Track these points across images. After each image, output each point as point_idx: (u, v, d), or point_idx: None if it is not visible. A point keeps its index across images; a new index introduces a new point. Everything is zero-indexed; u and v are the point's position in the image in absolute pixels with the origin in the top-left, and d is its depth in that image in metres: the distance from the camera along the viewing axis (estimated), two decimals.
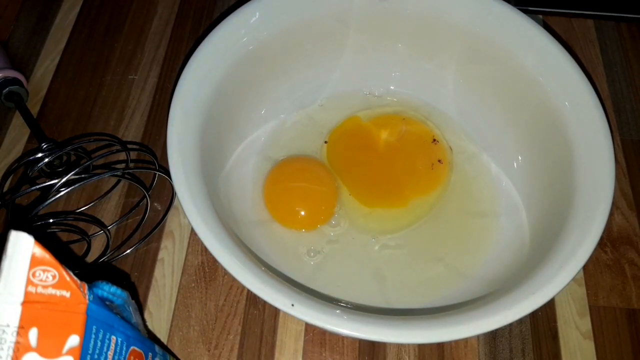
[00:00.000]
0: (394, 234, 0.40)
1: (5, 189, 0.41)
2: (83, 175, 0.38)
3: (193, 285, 0.39)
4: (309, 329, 0.37)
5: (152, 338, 0.37)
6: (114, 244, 0.40)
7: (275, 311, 0.38)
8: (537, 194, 0.39)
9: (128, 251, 0.40)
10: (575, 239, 0.32)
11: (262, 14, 0.40)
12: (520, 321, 0.37)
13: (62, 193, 0.37)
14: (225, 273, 0.38)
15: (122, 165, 0.43)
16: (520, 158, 0.41)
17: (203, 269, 0.39)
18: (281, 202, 0.41)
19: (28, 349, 0.23)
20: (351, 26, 0.43)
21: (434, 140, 0.43)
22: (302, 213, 0.40)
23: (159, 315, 0.38)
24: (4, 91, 0.43)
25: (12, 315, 0.23)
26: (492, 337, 0.37)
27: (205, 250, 0.40)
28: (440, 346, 0.37)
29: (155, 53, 0.49)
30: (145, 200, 0.41)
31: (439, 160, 0.42)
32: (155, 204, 0.42)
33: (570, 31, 0.50)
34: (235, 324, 0.37)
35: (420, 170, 0.42)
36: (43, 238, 0.40)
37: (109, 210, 0.42)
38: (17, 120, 0.45)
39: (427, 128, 0.43)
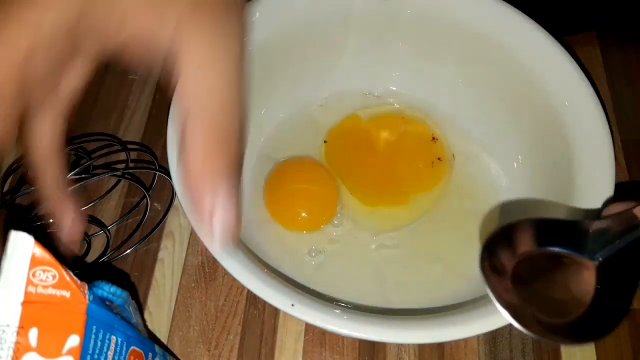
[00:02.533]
0: (396, 232, 0.40)
1: (5, 189, 0.41)
2: (83, 175, 0.38)
3: (193, 285, 0.39)
4: (309, 329, 0.37)
5: (152, 338, 0.37)
6: (114, 244, 0.40)
7: (275, 311, 0.38)
8: (537, 194, 0.39)
9: (128, 251, 0.40)
10: None
11: (262, 14, 0.40)
12: None
13: None
14: (225, 273, 0.38)
15: (122, 165, 0.43)
16: (520, 158, 0.41)
17: (203, 269, 0.39)
18: (283, 206, 0.41)
19: (28, 348, 0.23)
20: (351, 26, 0.43)
21: (434, 138, 0.43)
22: (304, 215, 0.40)
23: (159, 315, 0.38)
24: None
25: (12, 315, 0.23)
26: (492, 337, 0.37)
27: (205, 250, 0.40)
28: (440, 346, 0.37)
29: None
30: (145, 200, 0.41)
31: (439, 158, 0.42)
32: (155, 204, 0.42)
33: (571, 34, 0.50)
34: (235, 324, 0.37)
35: (421, 168, 0.42)
36: (43, 238, 0.40)
37: (109, 210, 0.42)
38: None
39: (426, 126, 0.43)
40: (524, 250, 0.27)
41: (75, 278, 0.25)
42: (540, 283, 0.27)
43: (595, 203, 0.33)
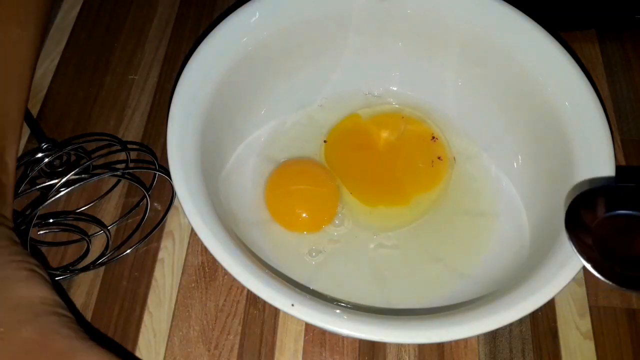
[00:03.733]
0: (396, 232, 0.40)
1: None
2: (83, 175, 0.38)
3: (193, 285, 0.39)
4: (309, 329, 0.37)
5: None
6: (114, 244, 0.40)
7: (275, 311, 0.38)
8: (537, 194, 0.39)
9: (128, 251, 0.40)
10: None
11: (262, 14, 0.40)
12: (520, 321, 0.37)
13: (62, 193, 0.37)
14: (225, 273, 0.38)
15: (122, 165, 0.43)
16: (520, 158, 0.41)
17: (203, 269, 0.39)
18: (284, 207, 0.41)
19: None
20: (351, 26, 0.43)
21: (433, 137, 0.43)
22: (305, 216, 0.40)
23: (159, 315, 0.38)
24: None
25: None
26: (492, 337, 0.37)
27: (205, 250, 0.40)
28: (440, 346, 0.37)
29: (155, 53, 0.49)
30: (145, 200, 0.41)
31: (439, 157, 0.42)
32: (155, 204, 0.42)
33: (570, 32, 0.50)
34: (235, 324, 0.37)
35: (421, 168, 0.42)
36: (43, 238, 0.40)
37: (109, 210, 0.42)
38: None
39: (426, 126, 0.43)
40: (603, 213, 0.30)
41: None
42: (619, 242, 0.30)
43: None
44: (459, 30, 0.41)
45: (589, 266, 0.29)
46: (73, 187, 0.37)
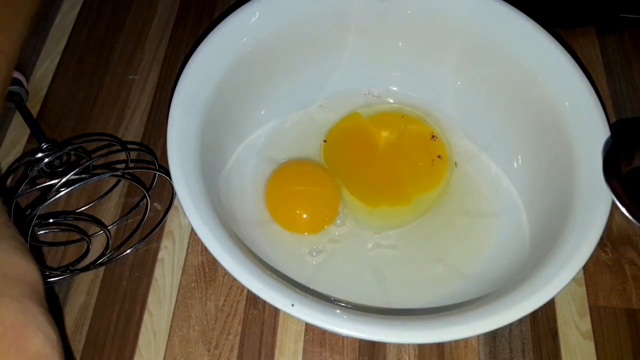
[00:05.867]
0: (397, 231, 0.40)
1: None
2: (83, 175, 0.38)
3: (193, 285, 0.39)
4: (309, 329, 0.37)
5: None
6: (114, 243, 0.40)
7: (275, 311, 0.38)
8: (537, 194, 0.39)
9: (128, 251, 0.40)
10: (575, 239, 0.32)
11: (262, 14, 0.40)
12: (520, 321, 0.37)
13: (62, 193, 0.37)
14: (225, 273, 0.38)
15: (122, 165, 0.43)
16: (520, 158, 0.41)
17: (203, 269, 0.39)
18: (285, 210, 0.41)
19: None
20: (351, 26, 0.43)
21: (433, 136, 0.43)
22: (306, 217, 0.40)
23: (159, 316, 0.38)
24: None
25: None
26: (492, 337, 0.37)
27: (205, 250, 0.40)
28: (440, 346, 0.37)
29: (155, 53, 0.49)
30: (145, 200, 0.41)
31: (439, 156, 0.42)
32: (155, 204, 0.42)
33: (570, 31, 0.50)
34: (235, 324, 0.37)
35: (421, 167, 0.42)
36: (43, 238, 0.40)
37: (109, 210, 0.42)
38: (17, 120, 0.45)
39: (425, 125, 0.44)
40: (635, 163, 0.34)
41: None
42: None
43: (595, 202, 0.33)
44: (458, 30, 0.41)
45: (624, 210, 0.32)
46: (73, 187, 0.37)
